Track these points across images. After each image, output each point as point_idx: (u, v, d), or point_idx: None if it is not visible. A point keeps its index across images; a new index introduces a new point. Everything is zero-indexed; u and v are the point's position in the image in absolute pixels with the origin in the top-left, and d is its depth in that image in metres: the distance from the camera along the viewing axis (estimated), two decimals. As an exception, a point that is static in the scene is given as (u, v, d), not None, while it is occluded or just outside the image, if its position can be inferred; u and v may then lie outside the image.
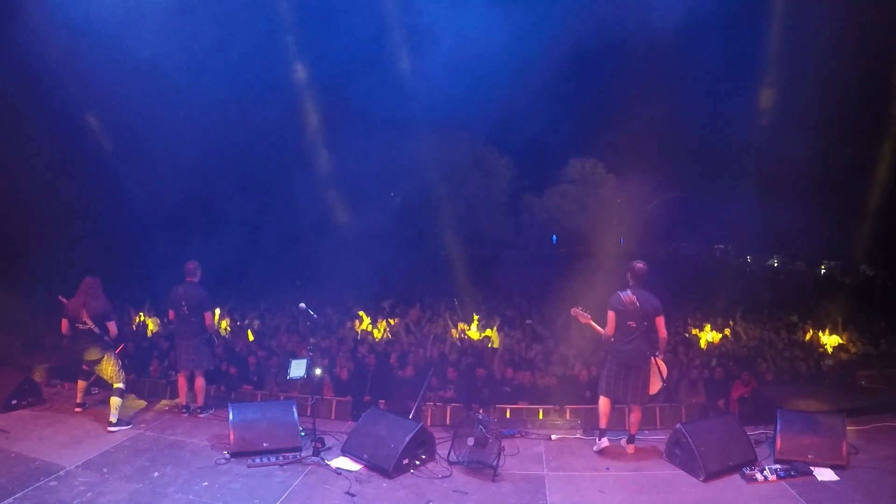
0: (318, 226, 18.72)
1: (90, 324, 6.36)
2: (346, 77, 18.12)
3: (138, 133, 14.11)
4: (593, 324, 5.79)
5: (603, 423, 5.88)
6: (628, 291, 5.64)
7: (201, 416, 6.73)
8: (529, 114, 18.92)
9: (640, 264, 5.73)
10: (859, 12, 13.04)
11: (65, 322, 6.46)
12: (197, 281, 6.82)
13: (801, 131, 15.19)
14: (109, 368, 6.52)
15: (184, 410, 6.81)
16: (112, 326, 6.55)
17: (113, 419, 6.26)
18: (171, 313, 6.89)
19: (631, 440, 5.86)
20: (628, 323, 5.59)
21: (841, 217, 16.35)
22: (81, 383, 6.77)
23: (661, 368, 5.70)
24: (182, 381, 6.93)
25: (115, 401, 6.31)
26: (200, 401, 6.87)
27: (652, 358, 5.67)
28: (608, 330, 5.70)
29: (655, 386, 5.72)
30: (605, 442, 5.79)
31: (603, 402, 5.89)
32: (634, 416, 5.87)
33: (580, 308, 5.83)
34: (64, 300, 6.50)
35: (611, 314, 5.69)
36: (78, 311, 6.37)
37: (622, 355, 5.68)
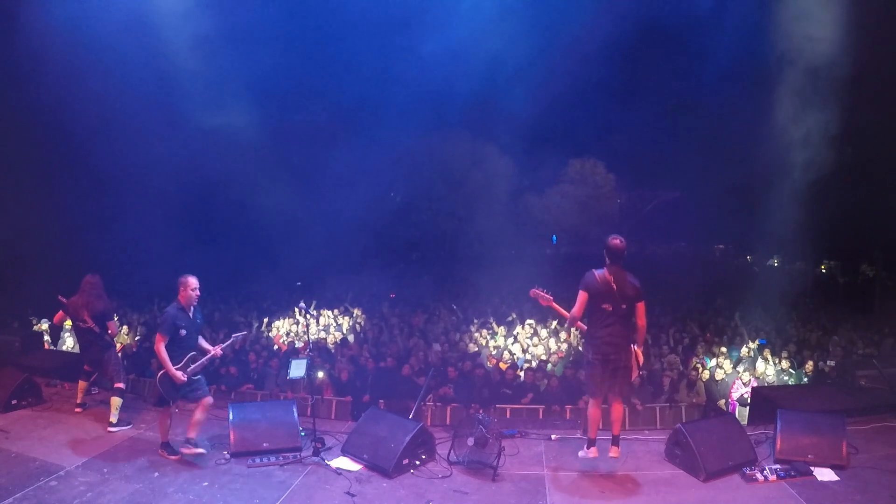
0: (319, 225, 18.74)
1: (90, 323, 6.37)
2: (345, 77, 18.15)
3: (140, 132, 14.12)
4: (555, 305, 5.21)
5: (592, 433, 5.24)
6: (604, 270, 4.93)
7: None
8: (530, 113, 18.93)
9: (616, 239, 4.96)
10: (860, 12, 13.04)
11: (59, 315, 6.57)
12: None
13: (801, 131, 15.19)
14: (109, 368, 6.53)
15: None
16: (112, 326, 6.56)
17: (113, 419, 6.24)
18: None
19: (615, 441, 5.23)
20: (603, 305, 4.90)
21: (841, 217, 16.35)
22: (82, 383, 6.76)
23: (639, 357, 5.14)
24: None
25: (115, 401, 6.29)
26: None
27: (631, 346, 5.07)
28: (575, 311, 4.97)
29: (633, 373, 5.20)
30: (593, 451, 5.22)
31: (592, 408, 5.23)
32: (616, 412, 5.22)
33: (540, 289, 5.30)
34: (63, 300, 6.52)
35: (582, 294, 4.94)
36: (79, 310, 6.39)
37: (597, 343, 4.99)
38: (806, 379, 9.01)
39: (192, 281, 5.53)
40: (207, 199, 17.02)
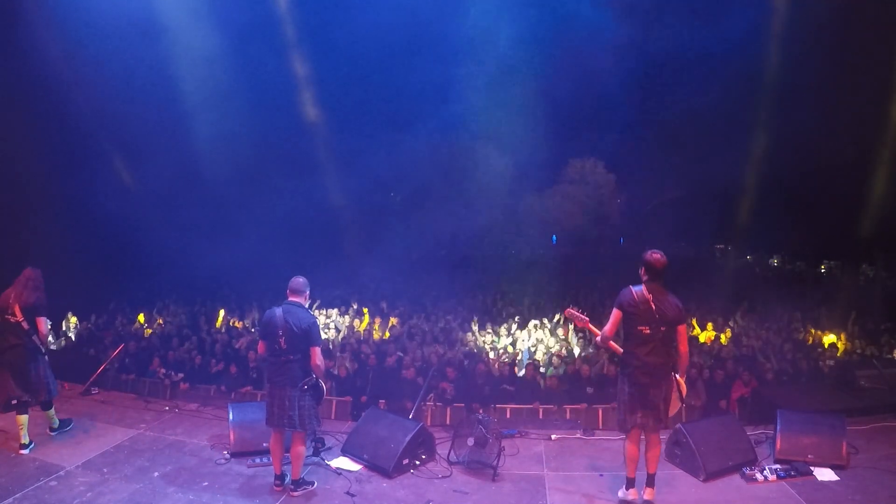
0: (318, 225, 18.73)
1: (19, 317, 5.56)
2: (345, 76, 18.14)
3: (142, 128, 14.10)
4: (591, 327, 4.80)
5: (631, 471, 4.72)
6: (642, 288, 4.46)
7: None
8: (530, 113, 18.93)
9: (656, 255, 4.49)
10: (861, 14, 13.07)
11: None
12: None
13: (802, 131, 15.21)
14: (32, 378, 5.64)
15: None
16: (42, 324, 5.67)
17: (24, 440, 5.54)
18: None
19: (651, 482, 4.68)
20: (640, 328, 4.42)
21: (840, 217, 16.35)
22: (20, 418, 5.60)
23: (682, 388, 4.62)
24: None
25: (21, 419, 5.55)
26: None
27: (673, 375, 4.56)
28: (607, 330, 4.53)
29: (674, 407, 4.68)
30: (632, 493, 4.74)
31: (629, 444, 4.68)
32: (652, 451, 4.64)
33: (575, 308, 4.97)
34: None
35: (616, 314, 4.49)
36: (9, 302, 5.61)
37: (632, 371, 4.49)
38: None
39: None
40: (209, 197, 16.99)
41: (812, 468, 5.23)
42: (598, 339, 4.68)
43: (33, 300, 5.65)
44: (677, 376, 4.58)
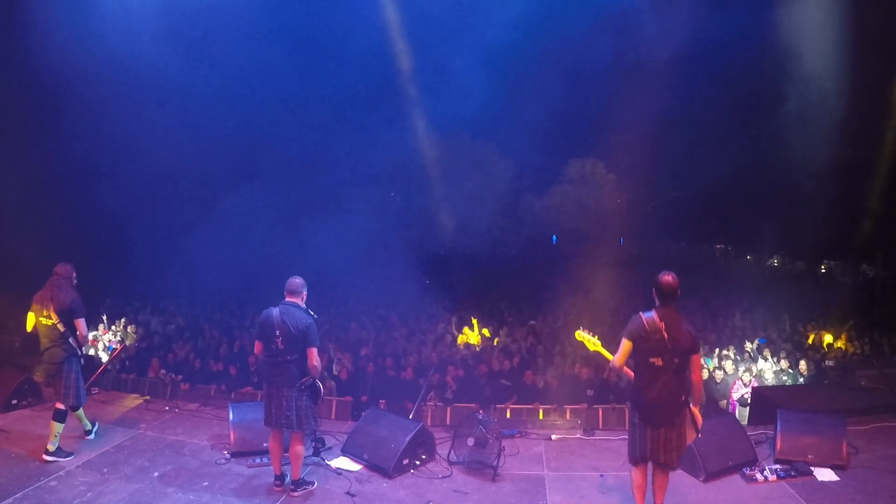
0: (317, 225, 18.72)
1: (55, 319, 5.36)
2: (346, 76, 18.14)
3: (145, 126, 14.10)
4: (603, 351, 4.49)
5: (639, 500, 4.37)
6: (653, 314, 4.10)
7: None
8: (530, 113, 18.94)
9: (668, 276, 4.14)
10: (860, 15, 13.07)
11: (30, 317, 5.50)
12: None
13: (802, 131, 15.22)
14: (62, 381, 5.44)
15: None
16: (81, 325, 5.48)
17: (51, 447, 5.36)
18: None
19: None
20: (651, 360, 4.08)
21: (841, 217, 16.37)
22: (54, 425, 5.47)
23: (697, 418, 4.29)
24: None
25: (56, 426, 5.37)
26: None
27: (686, 407, 4.24)
28: (616, 359, 4.21)
29: (690, 437, 4.35)
30: None
31: (636, 476, 4.36)
32: (660, 479, 4.35)
33: (584, 330, 4.65)
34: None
35: (626, 344, 4.14)
36: (44, 303, 5.42)
37: (644, 406, 4.15)
38: (802, 379, 9.02)
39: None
40: (209, 197, 16.99)
41: (812, 468, 5.24)
42: (610, 366, 4.42)
43: (69, 301, 5.40)
44: (691, 406, 4.29)
